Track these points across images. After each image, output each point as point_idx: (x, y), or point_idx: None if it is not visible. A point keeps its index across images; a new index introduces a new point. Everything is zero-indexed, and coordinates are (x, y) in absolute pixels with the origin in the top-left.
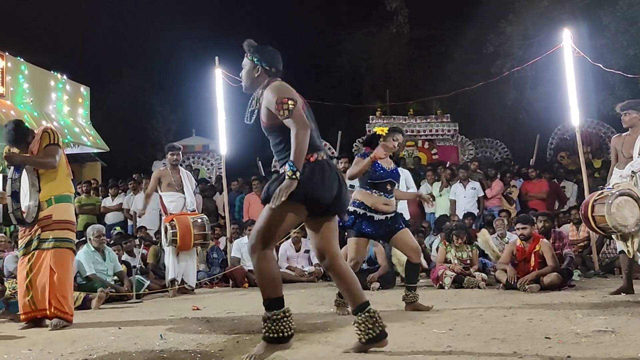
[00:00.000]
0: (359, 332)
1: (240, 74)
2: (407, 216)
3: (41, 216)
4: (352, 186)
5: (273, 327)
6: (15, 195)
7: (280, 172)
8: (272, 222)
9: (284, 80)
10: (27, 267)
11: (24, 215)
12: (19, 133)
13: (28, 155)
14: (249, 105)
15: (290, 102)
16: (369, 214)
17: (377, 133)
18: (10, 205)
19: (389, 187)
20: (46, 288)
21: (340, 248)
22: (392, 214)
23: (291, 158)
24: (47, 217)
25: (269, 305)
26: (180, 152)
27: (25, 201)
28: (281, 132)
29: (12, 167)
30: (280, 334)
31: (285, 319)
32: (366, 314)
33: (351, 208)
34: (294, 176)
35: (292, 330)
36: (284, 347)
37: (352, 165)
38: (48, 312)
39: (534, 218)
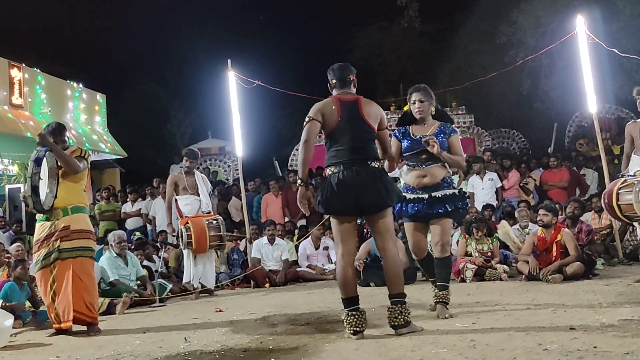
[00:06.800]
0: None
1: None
2: None
3: (59, 227)
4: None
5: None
6: (35, 190)
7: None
8: None
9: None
10: (51, 279)
11: (43, 204)
12: (57, 132)
13: (59, 146)
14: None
15: None
16: (411, 195)
17: (405, 110)
18: (31, 202)
19: (424, 156)
20: (70, 299)
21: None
22: (441, 193)
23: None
24: (65, 228)
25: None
26: (197, 160)
27: (43, 193)
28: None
29: (32, 162)
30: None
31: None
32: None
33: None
34: None
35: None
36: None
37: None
38: (79, 320)
39: (557, 205)
